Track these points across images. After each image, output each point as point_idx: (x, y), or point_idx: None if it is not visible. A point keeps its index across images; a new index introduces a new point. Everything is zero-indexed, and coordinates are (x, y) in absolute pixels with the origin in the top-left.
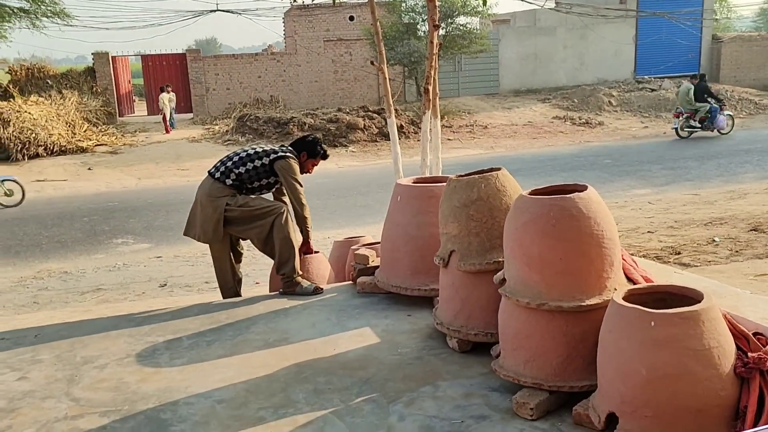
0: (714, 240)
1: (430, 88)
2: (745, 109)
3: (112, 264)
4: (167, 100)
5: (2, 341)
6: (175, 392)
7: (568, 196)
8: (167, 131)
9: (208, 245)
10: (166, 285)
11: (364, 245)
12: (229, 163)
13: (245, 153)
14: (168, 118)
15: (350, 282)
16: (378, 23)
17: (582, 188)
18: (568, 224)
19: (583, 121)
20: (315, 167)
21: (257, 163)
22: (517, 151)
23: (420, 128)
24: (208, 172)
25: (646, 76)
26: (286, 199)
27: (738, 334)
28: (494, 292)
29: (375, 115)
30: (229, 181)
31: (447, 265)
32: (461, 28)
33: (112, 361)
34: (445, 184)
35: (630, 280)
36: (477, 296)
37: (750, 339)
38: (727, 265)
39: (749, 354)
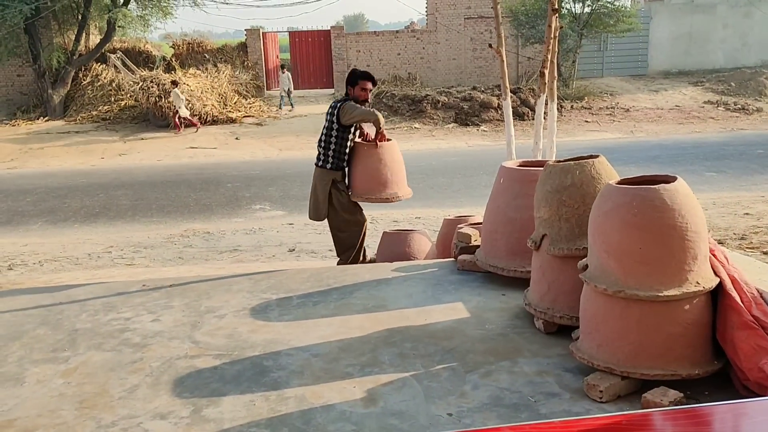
0: None
1: (546, 71)
2: None
3: (249, 228)
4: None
5: (144, 288)
6: (279, 344)
7: (652, 186)
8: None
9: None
10: (294, 250)
11: (470, 224)
12: (320, 148)
13: (322, 129)
14: (288, 98)
15: (452, 259)
16: (498, 6)
17: (672, 179)
18: (649, 215)
19: (739, 106)
20: (368, 90)
21: (330, 127)
22: (660, 137)
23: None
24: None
25: None
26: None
27: None
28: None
29: (511, 95)
30: (328, 165)
31: (538, 248)
32: (608, 5)
33: (230, 313)
34: None
35: (717, 275)
36: (563, 280)
37: None
38: None
39: None
